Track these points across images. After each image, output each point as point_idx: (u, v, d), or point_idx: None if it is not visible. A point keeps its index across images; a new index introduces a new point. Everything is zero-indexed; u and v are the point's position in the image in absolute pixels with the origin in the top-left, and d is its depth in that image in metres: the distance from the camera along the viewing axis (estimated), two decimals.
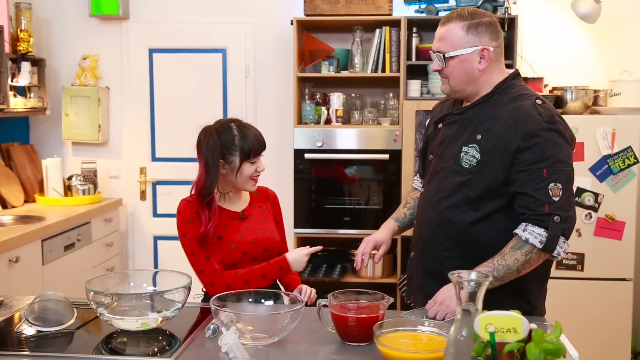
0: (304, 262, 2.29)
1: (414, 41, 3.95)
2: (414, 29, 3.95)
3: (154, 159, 4.56)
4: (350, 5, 3.95)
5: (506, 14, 3.81)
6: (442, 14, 3.88)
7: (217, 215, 2.24)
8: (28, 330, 1.90)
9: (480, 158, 2.02)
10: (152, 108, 4.52)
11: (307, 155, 3.96)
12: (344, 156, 3.96)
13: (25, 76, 4.10)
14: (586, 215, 3.65)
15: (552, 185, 1.93)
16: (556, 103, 3.76)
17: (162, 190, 4.56)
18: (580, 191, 3.62)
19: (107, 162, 4.57)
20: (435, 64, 2.09)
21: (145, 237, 4.61)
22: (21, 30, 4.10)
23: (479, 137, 2.03)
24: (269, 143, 2.37)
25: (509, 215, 2.00)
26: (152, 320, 1.87)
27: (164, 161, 4.54)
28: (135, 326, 1.86)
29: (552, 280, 2.21)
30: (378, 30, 3.97)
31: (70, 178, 4.26)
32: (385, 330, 1.71)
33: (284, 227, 2.50)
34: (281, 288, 2.40)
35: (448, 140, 2.13)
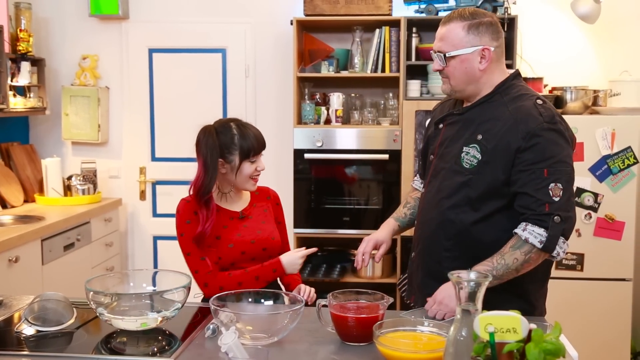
0: (298, 264, 2.28)
1: (414, 41, 3.95)
2: (414, 29, 3.95)
3: (154, 158, 4.56)
4: (350, 5, 3.95)
5: (506, 14, 3.80)
6: (441, 14, 3.88)
7: (215, 214, 2.24)
8: (28, 330, 1.90)
9: (481, 158, 2.02)
10: (151, 108, 4.52)
11: (306, 155, 3.96)
12: (344, 156, 3.96)
13: (25, 76, 4.10)
14: (586, 216, 3.65)
15: (552, 185, 1.93)
16: (556, 103, 3.76)
17: (162, 190, 4.56)
18: (580, 191, 3.62)
19: (107, 162, 4.57)
20: (436, 64, 2.09)
21: (144, 237, 4.61)
22: (21, 30, 4.10)
23: (480, 137, 2.03)
24: (268, 143, 2.37)
25: (509, 215, 2.00)
26: (152, 320, 1.87)
27: (164, 161, 4.53)
28: (134, 326, 1.86)
29: (552, 281, 2.21)
30: (378, 30, 3.96)
31: (69, 178, 4.26)
32: (385, 330, 1.71)
33: (286, 227, 2.50)
34: (281, 288, 2.40)
35: (449, 141, 2.13)
